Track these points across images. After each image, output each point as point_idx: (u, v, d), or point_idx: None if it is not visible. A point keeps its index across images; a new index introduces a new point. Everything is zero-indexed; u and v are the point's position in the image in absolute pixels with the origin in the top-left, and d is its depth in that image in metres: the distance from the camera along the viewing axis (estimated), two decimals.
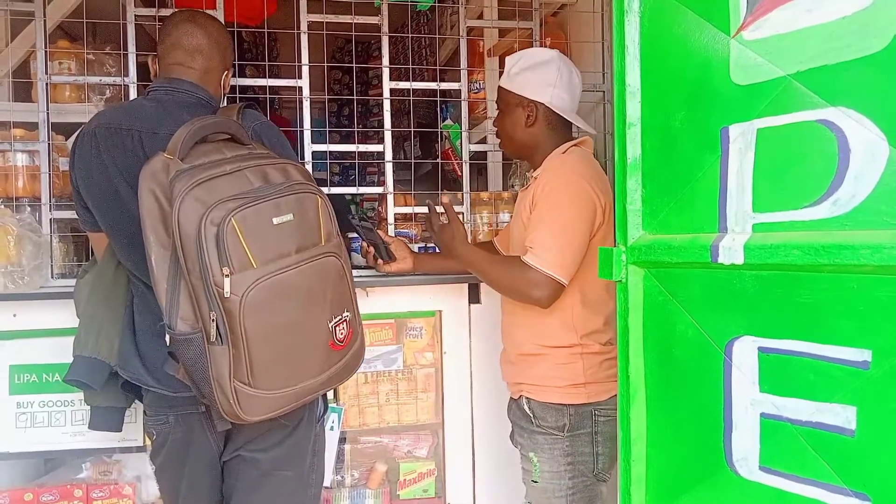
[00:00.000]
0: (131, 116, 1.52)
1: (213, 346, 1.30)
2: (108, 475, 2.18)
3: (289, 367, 1.39)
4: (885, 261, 0.81)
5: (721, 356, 1.03)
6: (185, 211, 1.27)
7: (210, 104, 1.60)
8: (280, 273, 1.33)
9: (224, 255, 1.27)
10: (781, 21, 0.95)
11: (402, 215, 2.41)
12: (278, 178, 1.40)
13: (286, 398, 1.40)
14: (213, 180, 1.32)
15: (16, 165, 2.09)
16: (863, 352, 0.86)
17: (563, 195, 1.69)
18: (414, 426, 2.39)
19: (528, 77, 1.80)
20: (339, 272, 1.46)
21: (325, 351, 1.44)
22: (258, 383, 1.34)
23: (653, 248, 1.13)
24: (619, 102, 1.19)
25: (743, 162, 1.00)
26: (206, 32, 1.60)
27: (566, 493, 1.74)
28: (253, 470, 1.58)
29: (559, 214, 1.68)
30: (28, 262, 1.95)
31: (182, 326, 1.32)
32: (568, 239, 1.66)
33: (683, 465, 1.12)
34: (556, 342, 1.76)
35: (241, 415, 1.34)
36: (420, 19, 3.75)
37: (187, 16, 1.63)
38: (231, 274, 1.27)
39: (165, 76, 1.60)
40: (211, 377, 1.32)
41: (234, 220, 1.28)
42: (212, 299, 1.28)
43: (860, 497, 0.87)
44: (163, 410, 1.55)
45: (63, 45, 2.22)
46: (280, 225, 1.35)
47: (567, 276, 1.66)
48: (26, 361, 2.04)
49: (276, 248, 1.34)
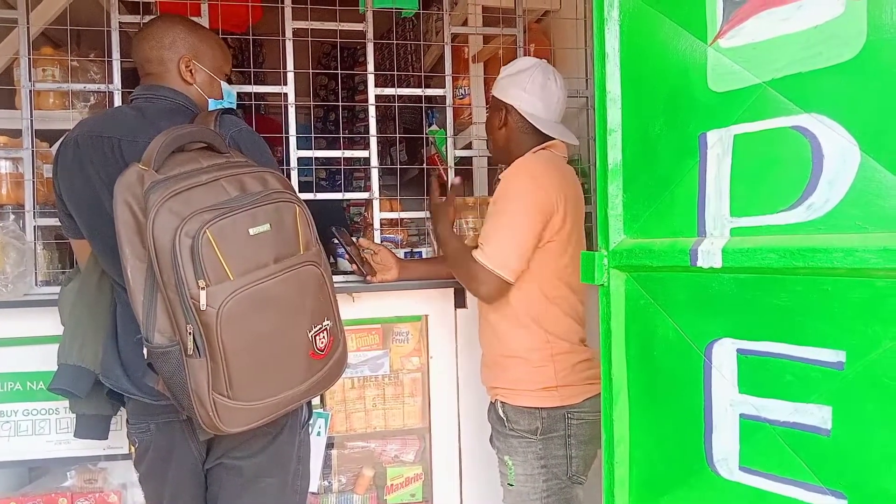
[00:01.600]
0: (112, 124, 1.52)
1: (190, 358, 1.29)
2: (94, 483, 2.17)
3: (268, 379, 1.38)
4: (857, 263, 0.83)
5: (701, 358, 1.05)
6: (160, 223, 1.26)
7: (189, 109, 1.59)
8: (258, 284, 1.32)
9: (199, 267, 1.25)
10: (757, 29, 0.97)
11: (388, 220, 2.42)
12: (256, 187, 1.39)
13: (267, 409, 1.39)
14: (189, 191, 1.30)
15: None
16: (837, 353, 0.88)
17: (513, 196, 1.73)
18: (401, 431, 2.40)
19: (506, 82, 1.88)
20: (318, 281, 1.45)
21: (306, 360, 1.43)
22: (237, 395, 1.33)
23: (634, 253, 1.15)
24: (601, 109, 1.20)
25: (720, 167, 1.02)
26: (145, 45, 1.60)
27: (541, 495, 1.75)
28: (236, 477, 1.58)
29: (508, 215, 1.72)
30: (12, 270, 1.95)
31: (159, 339, 1.31)
32: (515, 239, 1.70)
33: (665, 467, 1.14)
34: (529, 346, 1.78)
35: (221, 427, 1.33)
36: (405, 25, 3.76)
37: (135, 36, 1.65)
38: (207, 286, 1.26)
39: (144, 83, 1.61)
40: (190, 389, 1.31)
41: (209, 232, 1.26)
42: (188, 312, 1.27)
43: (836, 495, 0.89)
44: (144, 418, 1.54)
45: (47, 51, 2.21)
46: (257, 235, 1.33)
47: (512, 274, 1.70)
48: (10, 370, 2.03)
49: (253, 258, 1.33)
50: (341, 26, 2.35)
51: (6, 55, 2.23)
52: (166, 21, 1.66)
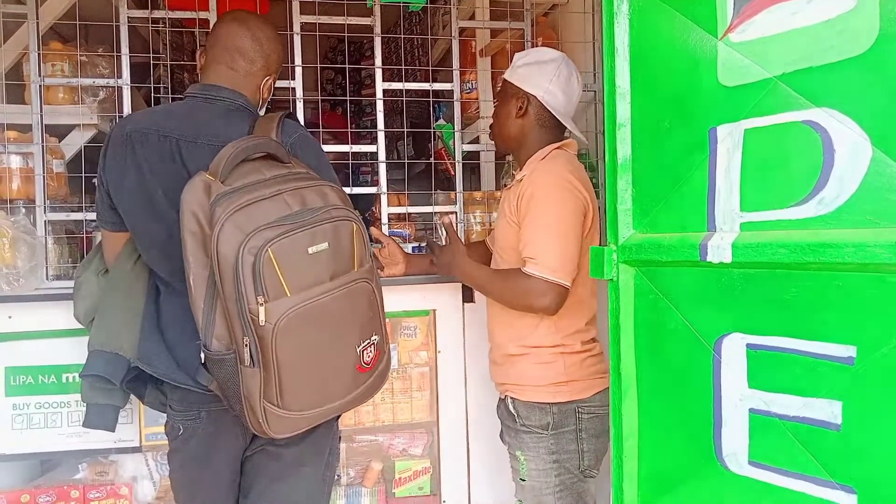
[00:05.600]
0: (168, 122, 1.51)
1: (245, 367, 1.34)
2: (105, 476, 2.18)
3: (316, 390, 1.43)
4: (868, 259, 0.83)
5: (710, 353, 1.05)
6: (225, 237, 1.30)
7: (248, 110, 1.59)
8: (313, 301, 1.36)
9: (259, 284, 1.29)
10: (767, 23, 0.97)
11: (395, 215, 2.43)
12: (316, 202, 1.42)
13: (312, 418, 1.44)
14: (252, 205, 1.34)
15: (10, 167, 2.09)
16: (848, 348, 0.88)
17: (553, 198, 1.70)
18: (409, 425, 2.40)
19: (528, 70, 1.83)
20: (369, 298, 1.49)
21: (353, 374, 1.48)
22: (286, 404, 1.37)
23: (643, 247, 1.15)
24: (610, 103, 1.20)
25: (731, 162, 1.01)
26: (252, 35, 1.59)
27: (553, 490, 1.76)
28: (276, 462, 1.61)
29: (553, 218, 1.68)
30: (23, 264, 1.96)
31: (217, 345, 1.36)
32: (564, 242, 1.67)
33: (674, 461, 1.14)
34: (538, 342, 1.77)
35: (269, 432, 1.39)
36: (412, 20, 3.75)
37: (236, 16, 1.61)
38: (266, 303, 1.30)
39: (203, 80, 1.59)
40: (242, 395, 1.37)
41: (270, 251, 1.30)
42: (246, 325, 1.31)
43: (846, 490, 0.89)
44: (194, 406, 1.55)
45: (56, 46, 2.22)
46: (315, 254, 1.37)
47: (568, 278, 1.67)
48: (22, 363, 2.04)
49: (310, 276, 1.36)
50: (349, 20, 2.35)
51: (16, 50, 2.24)
52: (275, 33, 1.65)
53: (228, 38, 1.58)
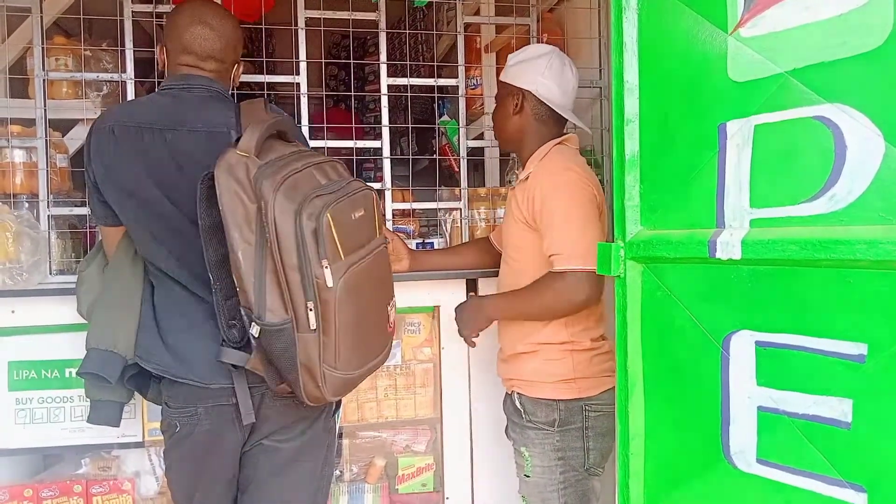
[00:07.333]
0: (150, 113, 1.52)
1: (302, 334, 1.38)
2: (108, 471, 2.18)
3: (364, 349, 1.51)
4: (880, 256, 0.82)
5: (719, 350, 1.04)
6: (280, 208, 1.33)
7: (224, 95, 1.61)
8: (360, 263, 1.44)
9: (322, 247, 1.34)
10: (778, 18, 0.96)
11: (399, 211, 2.42)
12: (335, 175, 1.49)
13: (358, 378, 1.52)
14: (293, 177, 1.38)
15: (13, 162, 2.09)
16: (858, 345, 0.87)
17: (562, 195, 1.69)
18: (412, 421, 2.40)
19: (520, 67, 1.84)
20: (388, 261, 1.62)
21: (385, 333, 1.59)
22: (342, 365, 1.43)
23: (651, 244, 1.14)
24: (618, 99, 1.20)
25: (740, 158, 1.01)
26: (218, 35, 1.58)
27: (557, 487, 1.75)
28: (274, 457, 1.61)
29: (568, 211, 1.68)
30: (26, 259, 1.95)
31: (271, 318, 1.38)
32: (583, 229, 1.67)
33: (681, 459, 1.13)
34: (547, 339, 1.77)
35: (327, 396, 1.44)
36: (417, 15, 3.74)
37: (197, 15, 1.58)
38: (329, 265, 1.35)
39: (177, 74, 1.58)
40: (298, 363, 1.40)
41: (329, 215, 1.35)
42: (310, 290, 1.35)
43: (856, 488, 0.88)
44: (191, 402, 1.54)
45: (59, 41, 2.21)
46: (357, 219, 1.46)
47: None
48: (25, 358, 2.04)
49: (355, 240, 1.44)
50: (354, 16, 2.34)
51: (20, 45, 2.23)
52: (233, 20, 1.65)
53: (195, 43, 1.57)
